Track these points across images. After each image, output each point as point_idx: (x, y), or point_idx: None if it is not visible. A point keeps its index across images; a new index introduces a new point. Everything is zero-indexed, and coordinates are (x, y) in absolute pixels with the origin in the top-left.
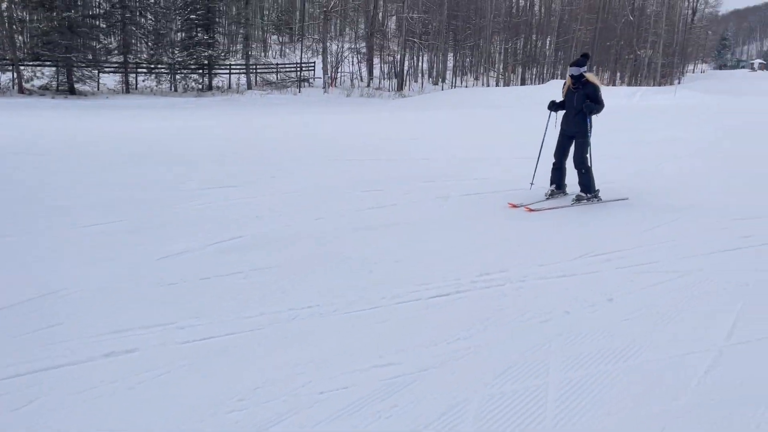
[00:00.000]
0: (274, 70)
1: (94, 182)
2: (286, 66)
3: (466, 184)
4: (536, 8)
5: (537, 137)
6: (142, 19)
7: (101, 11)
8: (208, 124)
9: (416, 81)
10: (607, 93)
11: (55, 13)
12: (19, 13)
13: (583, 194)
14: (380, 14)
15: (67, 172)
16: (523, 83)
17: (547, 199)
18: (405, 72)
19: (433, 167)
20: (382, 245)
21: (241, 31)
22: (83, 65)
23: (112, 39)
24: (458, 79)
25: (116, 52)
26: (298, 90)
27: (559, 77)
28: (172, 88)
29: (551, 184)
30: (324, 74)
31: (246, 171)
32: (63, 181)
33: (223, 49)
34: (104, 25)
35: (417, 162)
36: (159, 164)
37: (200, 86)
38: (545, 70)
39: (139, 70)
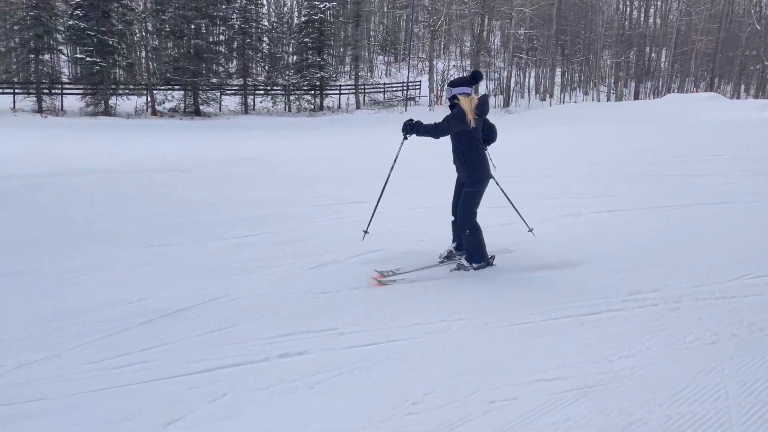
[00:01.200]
0: (382, 89)
1: (239, 199)
2: (393, 85)
3: (596, 201)
4: (651, 20)
5: (662, 152)
6: (259, 44)
7: (224, 38)
8: (331, 142)
9: (522, 97)
10: (733, 106)
11: (184, 41)
12: (153, 42)
13: (465, 263)
14: (485, 32)
15: (208, 189)
16: (636, 98)
17: (441, 262)
18: (511, 88)
19: (554, 184)
20: (519, 264)
21: (350, 52)
22: (208, 88)
23: (233, 63)
24: (566, 94)
25: (236, 75)
26: (404, 108)
27: (676, 91)
28: (287, 108)
29: (453, 241)
30: (430, 92)
31: (369, 187)
32: (206, 197)
33: (334, 70)
34: (226, 51)
35: (536, 179)
36: (289, 182)
37: (312, 106)
38: (660, 83)
39: (257, 91)
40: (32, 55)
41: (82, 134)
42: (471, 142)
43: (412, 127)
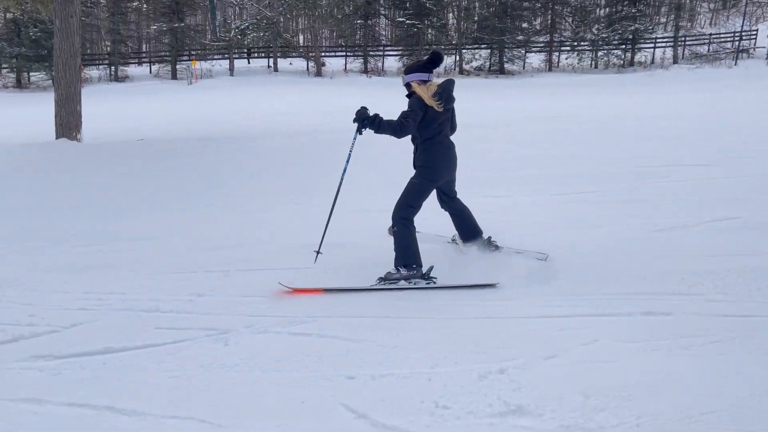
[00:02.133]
0: (707, 40)
1: (550, 155)
2: (721, 36)
3: None
4: None
5: None
6: None
7: None
8: (646, 100)
9: None
10: None
11: None
12: (463, 2)
13: (391, 271)
14: None
15: (528, 146)
16: None
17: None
18: None
19: None
20: None
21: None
22: (513, 46)
23: (538, 20)
24: None
25: (542, 32)
26: (734, 62)
27: None
28: (592, 65)
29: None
30: None
31: (706, 149)
32: (529, 153)
33: (649, 21)
34: (534, 7)
35: None
36: (613, 142)
37: (621, 62)
38: None
39: (563, 48)
40: (360, 21)
41: (398, 92)
42: (433, 135)
43: (371, 121)
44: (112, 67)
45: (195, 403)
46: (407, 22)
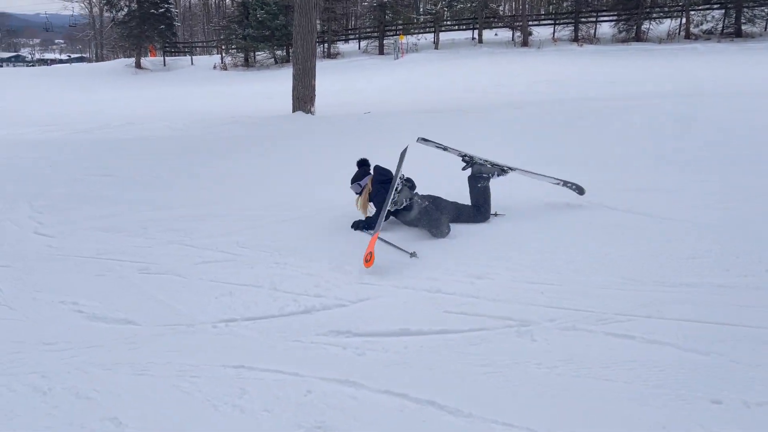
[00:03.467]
0: None
1: None
2: None
3: None
4: None
5: None
6: None
7: None
8: None
9: None
10: None
11: None
12: None
13: None
14: None
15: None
16: None
17: None
18: None
19: None
20: None
21: None
22: (754, 5)
23: None
24: None
25: None
26: None
27: None
28: None
29: None
30: None
31: None
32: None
33: None
34: None
35: None
36: None
37: None
38: None
39: None
40: None
41: (614, 61)
42: None
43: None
44: (326, 44)
45: (523, 409)
46: None
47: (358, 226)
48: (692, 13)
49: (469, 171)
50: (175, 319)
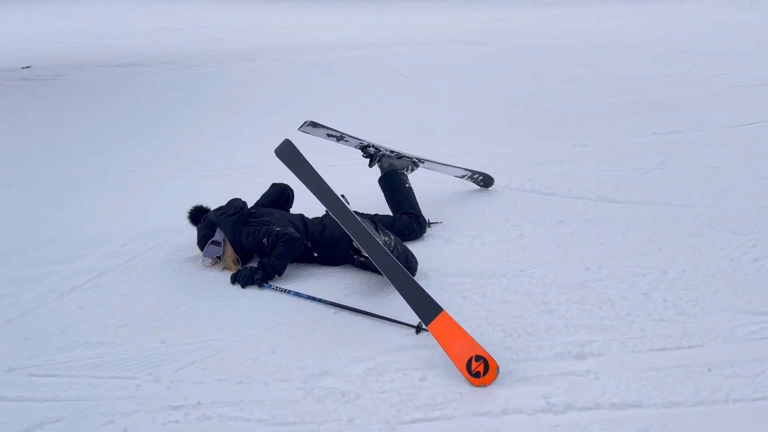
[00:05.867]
0: None
1: None
2: None
3: None
4: None
5: None
6: None
7: None
8: None
9: None
10: None
11: None
12: None
13: None
14: None
15: None
16: None
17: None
18: None
19: None
20: None
21: None
22: None
23: None
24: None
25: None
26: None
27: None
28: None
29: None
30: None
31: None
32: None
33: None
34: None
35: None
36: None
37: None
38: None
39: None
40: None
41: None
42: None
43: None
44: None
45: None
46: None
47: (242, 278)
48: None
49: (376, 167)
50: None
